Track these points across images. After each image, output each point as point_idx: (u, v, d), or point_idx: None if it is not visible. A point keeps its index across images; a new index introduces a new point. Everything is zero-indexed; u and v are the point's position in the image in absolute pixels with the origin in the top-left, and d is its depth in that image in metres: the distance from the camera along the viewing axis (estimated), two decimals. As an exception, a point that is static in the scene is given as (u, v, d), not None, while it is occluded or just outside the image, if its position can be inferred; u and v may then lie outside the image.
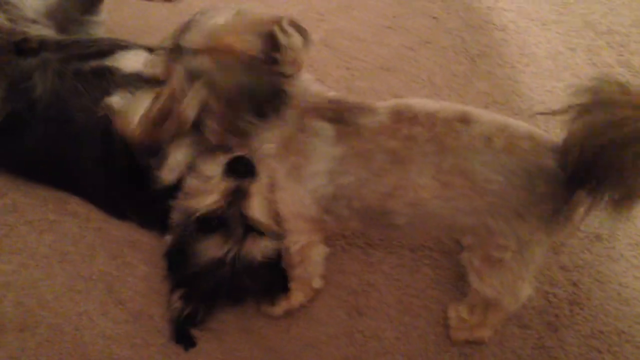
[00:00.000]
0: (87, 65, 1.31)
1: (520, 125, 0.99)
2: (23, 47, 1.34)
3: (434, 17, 1.71)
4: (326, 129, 1.03)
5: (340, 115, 1.03)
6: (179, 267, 1.21)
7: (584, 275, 1.30)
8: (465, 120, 0.98)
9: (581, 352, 1.21)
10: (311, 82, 1.10)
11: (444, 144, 0.96)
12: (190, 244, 1.17)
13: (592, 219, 1.33)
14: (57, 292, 1.28)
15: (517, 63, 1.65)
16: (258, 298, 1.24)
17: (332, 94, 1.09)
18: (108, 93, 1.25)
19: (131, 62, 1.33)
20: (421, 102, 1.04)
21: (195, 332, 1.22)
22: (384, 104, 1.05)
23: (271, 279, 1.20)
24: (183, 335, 1.22)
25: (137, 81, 1.26)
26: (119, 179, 1.27)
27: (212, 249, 1.15)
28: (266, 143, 1.07)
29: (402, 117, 1.01)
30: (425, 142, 0.97)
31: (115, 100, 1.23)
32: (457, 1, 1.75)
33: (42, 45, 1.35)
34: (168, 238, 1.23)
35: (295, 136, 1.04)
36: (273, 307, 1.22)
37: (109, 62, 1.33)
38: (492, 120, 0.98)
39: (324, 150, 1.02)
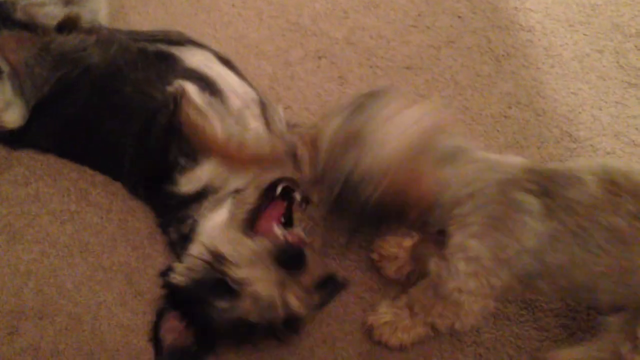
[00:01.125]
0: (153, 47, 1.33)
1: None
2: (63, 25, 1.36)
3: (459, 17, 1.69)
4: (532, 203, 0.94)
5: (544, 188, 0.94)
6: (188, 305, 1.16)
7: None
8: None
9: (600, 358, 1.19)
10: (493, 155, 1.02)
11: None
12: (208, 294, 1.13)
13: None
14: (77, 281, 1.30)
15: (542, 64, 1.62)
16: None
17: (522, 161, 1.01)
18: (165, 77, 1.25)
19: (196, 58, 1.33)
20: (633, 168, 0.95)
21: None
22: (589, 166, 0.96)
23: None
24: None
25: (196, 78, 1.27)
26: (146, 160, 1.26)
27: (237, 310, 1.11)
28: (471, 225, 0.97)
29: (621, 189, 0.92)
30: None
31: (193, 90, 1.22)
32: (483, 1, 1.73)
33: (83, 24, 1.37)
34: (176, 271, 1.18)
35: (504, 213, 0.95)
36: (390, 337, 1.18)
37: (175, 50, 1.33)
38: None
39: (532, 227, 0.94)
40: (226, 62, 1.39)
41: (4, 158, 1.44)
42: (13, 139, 1.40)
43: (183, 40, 1.39)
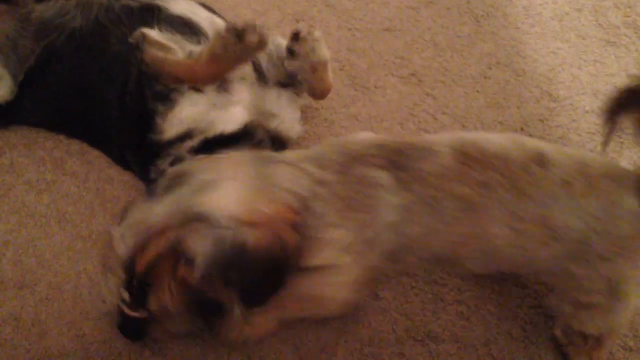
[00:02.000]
0: (136, 2, 1.29)
1: (596, 160, 0.95)
2: None
3: (438, -23, 1.67)
4: (382, 177, 0.93)
5: (394, 161, 0.94)
6: None
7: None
8: (541, 162, 0.91)
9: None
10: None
11: (522, 191, 0.90)
12: None
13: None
14: (56, 251, 1.28)
15: (522, 24, 1.62)
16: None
17: (377, 138, 1.00)
18: (151, 26, 1.21)
19: (181, 5, 1.30)
20: (488, 138, 0.97)
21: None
22: (442, 139, 0.97)
23: None
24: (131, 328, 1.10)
25: (180, 24, 1.24)
26: (128, 123, 1.23)
27: None
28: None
29: (471, 159, 0.93)
30: (501, 189, 0.91)
31: (153, 33, 1.19)
32: (462, -39, 1.71)
33: None
34: None
35: (354, 190, 0.94)
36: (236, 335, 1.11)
37: (159, 1, 1.29)
38: (569, 159, 0.93)
39: (388, 199, 0.93)
40: (211, 10, 1.36)
41: (-24, 129, 1.41)
42: (2, 114, 1.36)
43: None
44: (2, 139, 1.39)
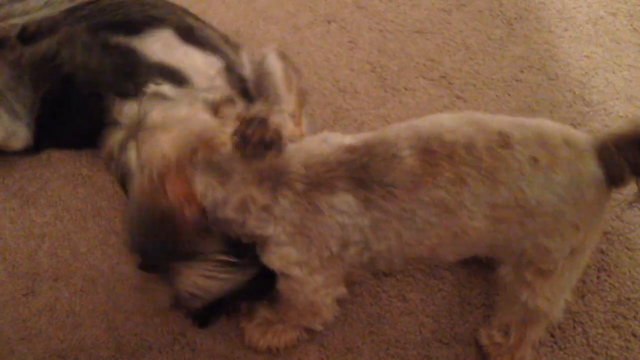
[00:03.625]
0: (114, 41, 1.30)
1: (550, 127, 0.93)
2: (25, 36, 1.33)
3: (470, -21, 1.67)
4: (346, 202, 0.91)
5: (360, 179, 0.91)
6: None
7: (613, 242, 1.28)
8: (506, 143, 0.90)
9: (607, 317, 1.20)
10: (309, 144, 0.97)
11: (496, 178, 0.88)
12: None
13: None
14: (90, 244, 1.31)
15: (555, 27, 1.60)
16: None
17: (334, 149, 0.94)
18: (136, 78, 1.25)
19: (156, 47, 1.29)
20: (445, 125, 0.92)
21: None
22: (401, 136, 0.93)
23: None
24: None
25: (161, 74, 1.25)
26: None
27: None
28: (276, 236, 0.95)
29: (437, 156, 0.89)
30: (476, 182, 0.89)
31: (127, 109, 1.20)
32: (495, -37, 1.70)
33: (43, 24, 1.34)
34: None
35: (311, 219, 0.92)
36: (259, 339, 1.17)
37: (136, 43, 1.29)
38: (528, 132, 0.91)
39: (352, 224, 0.92)
40: (187, 35, 1.34)
41: (15, 123, 1.45)
42: (28, 152, 1.42)
43: (142, 19, 1.33)
44: (40, 134, 1.43)
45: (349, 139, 0.96)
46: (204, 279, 1.03)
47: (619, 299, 1.22)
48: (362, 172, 0.91)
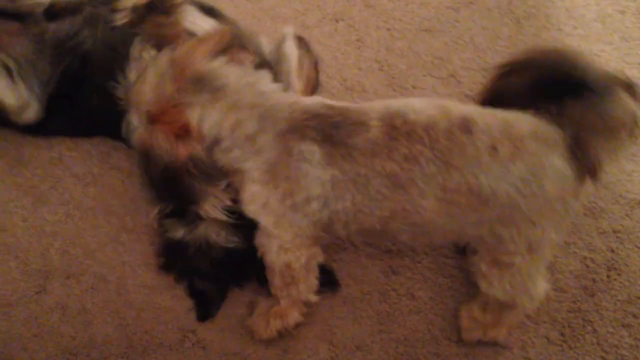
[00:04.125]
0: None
1: (522, 119, 0.94)
2: (51, 12, 1.33)
3: (479, -23, 1.66)
4: (313, 151, 0.95)
5: (328, 134, 0.95)
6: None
7: (623, 241, 1.28)
8: (467, 128, 0.91)
9: (617, 316, 1.21)
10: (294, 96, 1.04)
11: (449, 162, 0.91)
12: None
13: (634, 184, 1.32)
14: (101, 242, 1.33)
15: (564, 25, 1.60)
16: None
17: (316, 103, 1.00)
18: None
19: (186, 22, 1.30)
20: (414, 107, 0.96)
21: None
22: (374, 109, 0.97)
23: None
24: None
25: None
26: None
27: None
28: (251, 172, 1.00)
29: (398, 132, 0.93)
30: (428, 161, 0.92)
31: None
32: (503, -39, 1.70)
33: (70, 4, 1.34)
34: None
35: (283, 161, 0.97)
36: (266, 327, 1.17)
37: None
38: (494, 121, 0.93)
39: (314, 175, 0.96)
40: (209, 11, 1.36)
41: (26, 122, 1.46)
42: (33, 129, 1.41)
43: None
44: (50, 133, 1.44)
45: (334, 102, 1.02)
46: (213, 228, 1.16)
47: (629, 297, 1.22)
48: (332, 129, 0.96)
